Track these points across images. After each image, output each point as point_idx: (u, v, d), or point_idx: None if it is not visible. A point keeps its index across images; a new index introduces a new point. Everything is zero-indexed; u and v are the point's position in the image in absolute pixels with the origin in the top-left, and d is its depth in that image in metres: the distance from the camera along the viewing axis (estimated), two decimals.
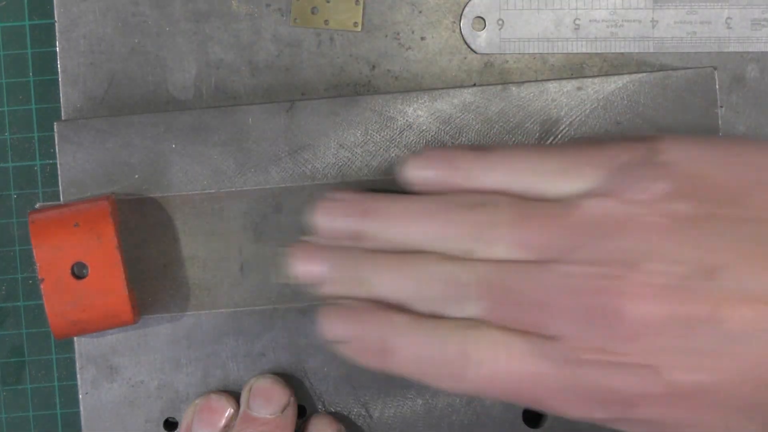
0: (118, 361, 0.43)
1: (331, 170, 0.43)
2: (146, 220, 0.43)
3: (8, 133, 0.48)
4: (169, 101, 0.46)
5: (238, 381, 0.43)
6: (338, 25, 0.46)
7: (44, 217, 0.41)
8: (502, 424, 0.44)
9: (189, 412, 0.43)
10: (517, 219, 0.37)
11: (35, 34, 0.48)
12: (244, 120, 0.43)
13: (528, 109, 0.43)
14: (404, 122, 0.43)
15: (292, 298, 0.43)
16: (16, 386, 0.49)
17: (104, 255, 0.40)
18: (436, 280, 0.38)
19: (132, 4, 0.46)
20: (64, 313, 0.40)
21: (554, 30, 0.46)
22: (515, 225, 0.37)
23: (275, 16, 0.46)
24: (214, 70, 0.46)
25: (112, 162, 0.43)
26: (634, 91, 0.43)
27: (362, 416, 0.44)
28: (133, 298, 0.42)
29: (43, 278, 0.40)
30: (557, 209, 0.37)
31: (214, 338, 0.43)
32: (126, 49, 0.46)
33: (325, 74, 0.46)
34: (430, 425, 0.44)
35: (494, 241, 0.37)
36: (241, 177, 0.43)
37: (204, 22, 0.46)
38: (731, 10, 0.46)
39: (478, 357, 0.36)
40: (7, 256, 0.49)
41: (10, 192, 0.48)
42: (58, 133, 0.43)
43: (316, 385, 0.44)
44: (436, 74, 0.46)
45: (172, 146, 0.43)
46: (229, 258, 0.43)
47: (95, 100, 0.46)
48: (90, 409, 0.43)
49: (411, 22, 0.46)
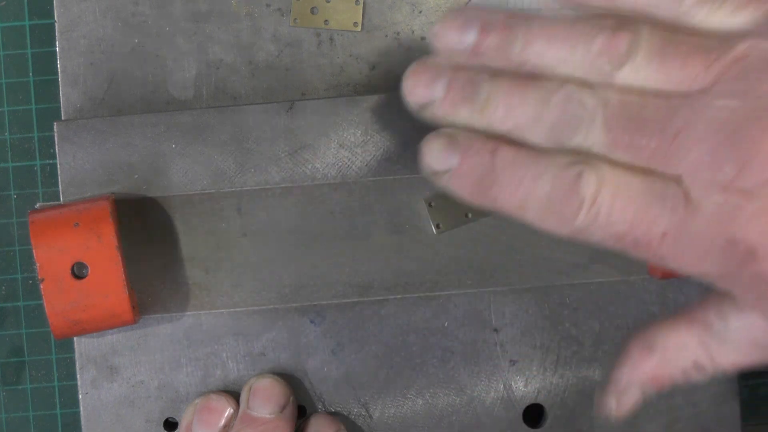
0: (118, 361, 0.43)
1: (331, 170, 0.43)
2: (146, 220, 0.43)
3: (8, 133, 0.48)
4: (169, 101, 0.46)
5: (238, 381, 0.43)
6: (338, 25, 0.46)
7: (44, 217, 0.41)
8: (502, 424, 0.44)
9: (189, 412, 0.43)
10: (662, 46, 0.35)
11: (35, 34, 0.48)
12: (244, 120, 0.43)
13: None
14: (404, 122, 0.43)
15: (292, 298, 0.43)
16: (16, 386, 0.49)
17: (104, 255, 0.40)
18: (559, 102, 0.35)
19: (132, 4, 0.46)
20: (64, 313, 0.40)
21: None
22: (659, 51, 0.35)
23: (275, 16, 0.46)
24: (214, 70, 0.46)
25: (112, 162, 0.43)
26: None
27: (362, 416, 0.44)
28: (133, 298, 0.42)
29: (43, 278, 0.40)
30: (711, 41, 0.34)
31: (214, 338, 0.43)
32: (126, 49, 0.46)
33: (325, 74, 0.46)
34: (430, 425, 0.44)
35: (631, 66, 0.35)
36: (241, 177, 0.43)
37: (204, 22, 0.46)
38: None
39: (591, 196, 0.34)
40: (7, 256, 0.49)
41: (10, 192, 0.48)
42: (58, 133, 0.43)
43: (316, 385, 0.44)
44: None
45: (172, 146, 0.43)
46: (229, 258, 0.43)
47: (95, 100, 0.46)
48: (90, 409, 0.43)
49: (411, 22, 0.46)
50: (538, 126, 0.35)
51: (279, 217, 0.43)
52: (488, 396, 0.44)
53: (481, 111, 0.36)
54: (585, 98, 0.35)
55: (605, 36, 0.35)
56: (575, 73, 0.35)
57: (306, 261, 0.43)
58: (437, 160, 0.36)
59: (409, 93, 0.37)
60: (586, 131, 0.35)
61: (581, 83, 0.35)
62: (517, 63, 0.36)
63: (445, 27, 0.36)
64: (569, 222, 0.35)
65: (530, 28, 0.36)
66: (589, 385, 0.44)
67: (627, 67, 0.35)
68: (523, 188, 0.35)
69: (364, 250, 0.44)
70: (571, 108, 0.35)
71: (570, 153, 0.35)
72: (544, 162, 0.35)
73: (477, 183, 0.36)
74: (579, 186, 0.34)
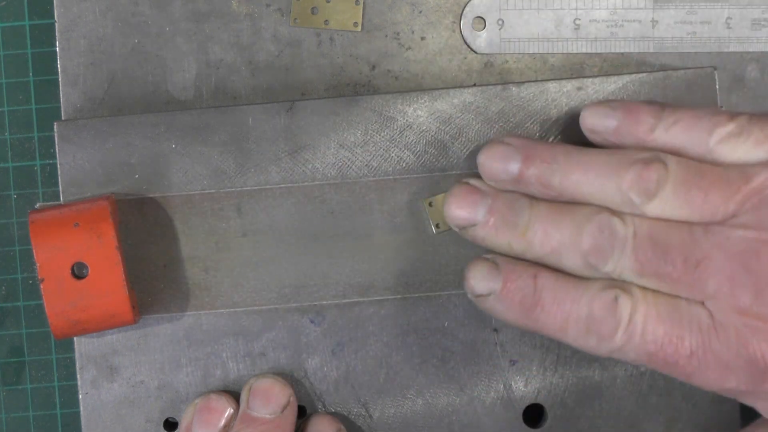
0: (118, 361, 0.43)
1: (331, 170, 0.43)
2: (146, 220, 0.43)
3: (8, 133, 0.48)
4: (169, 101, 0.46)
5: (238, 381, 0.43)
6: (338, 25, 0.46)
7: (44, 217, 0.41)
8: (502, 424, 0.44)
9: (189, 412, 0.43)
10: (687, 178, 0.37)
11: (35, 34, 0.48)
12: (244, 120, 0.43)
13: (528, 109, 0.43)
14: (404, 122, 0.43)
15: (292, 298, 0.43)
16: (16, 386, 0.49)
17: (104, 255, 0.40)
18: (592, 230, 0.38)
19: (132, 4, 0.46)
20: (64, 313, 0.40)
21: (554, 30, 0.46)
22: (684, 184, 0.37)
23: (275, 16, 0.46)
24: (214, 70, 0.46)
25: (112, 162, 0.43)
26: (634, 91, 0.43)
27: (362, 416, 0.44)
28: (133, 298, 0.42)
29: (43, 278, 0.40)
30: (732, 174, 0.37)
31: (214, 338, 0.43)
32: (126, 49, 0.46)
33: (325, 74, 0.46)
34: (430, 425, 0.44)
35: (660, 199, 0.38)
36: (241, 177, 0.43)
37: (204, 22, 0.46)
38: (731, 10, 0.46)
39: (627, 318, 0.37)
40: (7, 256, 0.49)
41: (10, 192, 0.48)
42: (58, 133, 0.43)
43: (316, 385, 0.44)
44: (436, 74, 0.46)
45: (172, 146, 0.43)
46: (229, 258, 0.43)
47: (95, 100, 0.46)
48: (90, 409, 0.43)
49: (411, 22, 0.46)
50: (573, 252, 0.38)
51: (279, 217, 0.43)
52: (488, 396, 0.44)
53: (521, 236, 0.39)
54: (616, 227, 0.38)
55: (635, 171, 0.38)
56: (608, 203, 0.38)
57: (306, 261, 0.43)
58: (481, 284, 0.39)
59: (452, 215, 0.40)
60: (618, 258, 0.38)
61: (613, 212, 0.38)
62: (555, 192, 0.39)
63: (490, 157, 0.40)
64: (607, 342, 0.38)
65: (569, 160, 0.39)
66: (589, 385, 0.44)
67: (655, 200, 0.38)
68: (563, 310, 0.38)
69: (364, 250, 0.44)
70: (603, 237, 0.38)
71: (603, 278, 0.38)
72: (582, 286, 0.38)
73: (519, 305, 0.39)
74: (616, 309, 0.37)
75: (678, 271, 0.37)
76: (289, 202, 0.43)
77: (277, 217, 0.43)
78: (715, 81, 0.43)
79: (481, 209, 0.40)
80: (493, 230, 0.40)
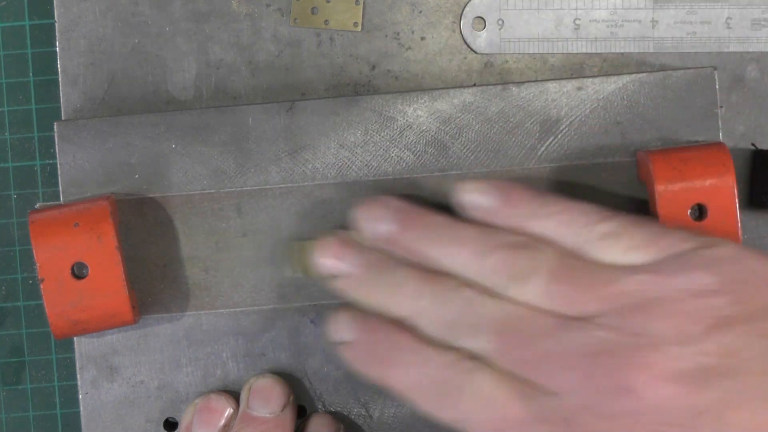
0: (118, 361, 0.43)
1: (331, 170, 0.43)
2: (146, 220, 0.43)
3: (8, 133, 0.48)
4: (169, 101, 0.46)
5: (238, 381, 0.43)
6: (338, 25, 0.46)
7: (44, 217, 0.41)
8: None
9: (189, 412, 0.43)
10: (558, 270, 0.37)
11: (35, 34, 0.48)
12: (244, 120, 0.43)
13: (528, 109, 0.43)
14: (404, 122, 0.43)
15: (292, 298, 0.43)
16: (16, 386, 0.49)
17: (104, 255, 0.40)
18: (454, 304, 0.38)
19: (132, 4, 0.46)
20: (64, 313, 0.40)
21: (554, 30, 0.46)
22: (554, 276, 0.37)
23: (275, 16, 0.46)
24: (214, 70, 0.46)
25: (112, 162, 0.43)
26: (634, 91, 0.43)
27: (362, 416, 0.44)
28: (133, 298, 0.42)
29: (43, 278, 0.40)
30: (602, 275, 0.37)
31: (214, 338, 0.43)
32: (126, 49, 0.46)
33: (325, 74, 0.46)
34: (430, 425, 0.44)
35: (527, 286, 0.37)
36: (241, 177, 0.43)
37: (204, 22, 0.46)
38: (731, 10, 0.46)
39: (472, 394, 0.37)
40: (7, 256, 0.49)
41: (10, 192, 0.48)
42: (58, 133, 0.43)
43: (316, 385, 0.44)
44: (436, 74, 0.46)
45: (172, 146, 0.43)
46: (229, 258, 0.43)
47: (95, 100, 0.46)
48: (90, 409, 0.43)
49: (411, 22, 0.46)
50: (433, 319, 0.38)
51: (279, 217, 0.43)
52: None
53: (385, 296, 0.39)
54: (477, 305, 0.37)
55: (503, 255, 0.38)
56: (477, 280, 0.38)
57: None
58: (337, 332, 0.40)
59: (319, 263, 0.40)
60: (474, 336, 0.37)
61: (480, 289, 0.38)
62: (426, 260, 0.39)
63: (365, 215, 0.40)
64: (449, 412, 0.37)
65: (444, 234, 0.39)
66: None
67: (522, 286, 0.37)
68: (413, 375, 0.38)
69: None
70: (466, 312, 0.37)
71: (458, 350, 0.37)
72: (436, 355, 0.37)
73: (374, 363, 0.39)
74: (463, 383, 0.37)
75: (534, 360, 0.36)
76: (289, 202, 0.43)
77: (277, 217, 0.43)
78: (715, 81, 0.43)
79: (347, 262, 0.40)
80: (357, 286, 0.40)
